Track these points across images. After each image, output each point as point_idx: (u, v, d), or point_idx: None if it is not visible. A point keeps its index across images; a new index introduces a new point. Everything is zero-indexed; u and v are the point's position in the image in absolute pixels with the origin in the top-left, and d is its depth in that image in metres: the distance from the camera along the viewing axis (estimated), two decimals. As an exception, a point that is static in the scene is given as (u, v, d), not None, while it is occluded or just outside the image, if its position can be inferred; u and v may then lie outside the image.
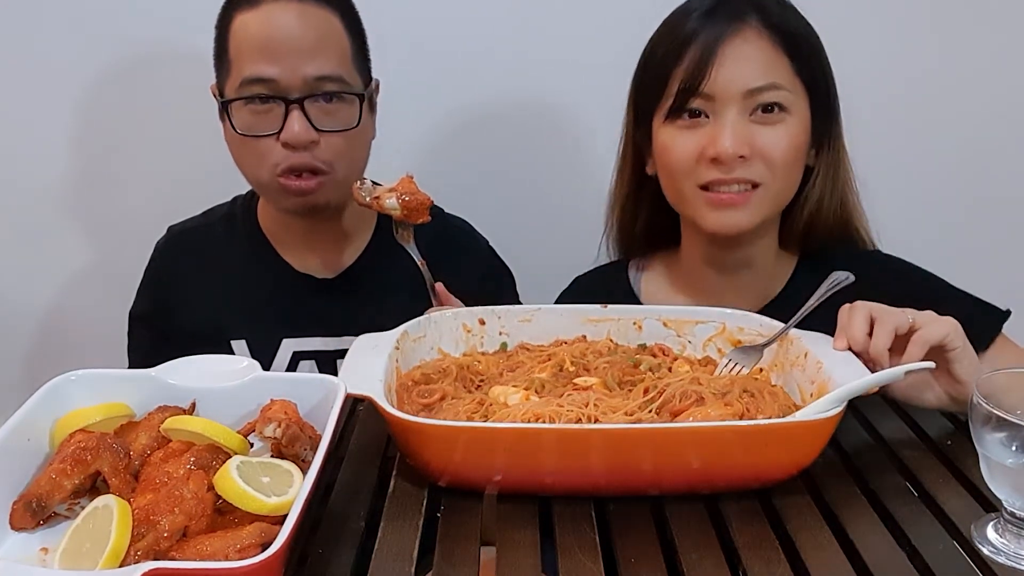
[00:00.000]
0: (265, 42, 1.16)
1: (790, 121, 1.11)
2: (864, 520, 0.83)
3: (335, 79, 1.18)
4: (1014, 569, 0.76)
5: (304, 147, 1.18)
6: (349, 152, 1.22)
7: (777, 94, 1.09)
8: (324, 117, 1.18)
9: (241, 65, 1.17)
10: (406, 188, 1.11)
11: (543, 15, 1.60)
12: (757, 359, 1.04)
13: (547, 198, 1.71)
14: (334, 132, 1.19)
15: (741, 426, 0.84)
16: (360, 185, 1.11)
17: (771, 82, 1.09)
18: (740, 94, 1.09)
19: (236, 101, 1.18)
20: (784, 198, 1.16)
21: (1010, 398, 0.79)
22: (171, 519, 0.72)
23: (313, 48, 1.17)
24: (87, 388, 0.88)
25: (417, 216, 1.11)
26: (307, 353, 1.31)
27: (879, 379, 0.86)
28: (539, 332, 1.11)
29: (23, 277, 1.70)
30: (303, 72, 1.16)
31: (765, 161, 1.10)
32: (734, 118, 1.09)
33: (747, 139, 1.09)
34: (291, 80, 1.16)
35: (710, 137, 1.10)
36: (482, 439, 0.83)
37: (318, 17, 1.18)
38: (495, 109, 1.65)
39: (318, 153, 1.19)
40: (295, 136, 1.16)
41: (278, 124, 1.17)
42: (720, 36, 1.09)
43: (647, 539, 0.81)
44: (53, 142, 1.63)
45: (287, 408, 0.84)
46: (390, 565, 0.76)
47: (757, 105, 1.09)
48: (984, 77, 1.62)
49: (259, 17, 1.17)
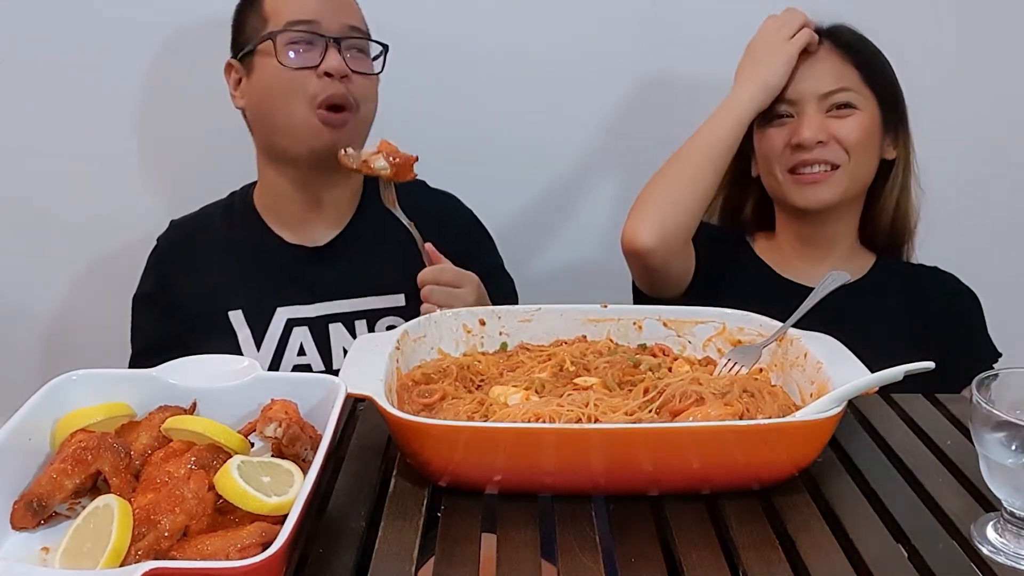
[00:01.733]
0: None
1: (860, 115, 1.31)
2: (864, 520, 0.83)
3: (364, 32, 1.35)
4: (1014, 569, 0.76)
5: (341, 79, 1.29)
6: (372, 95, 1.36)
7: (847, 95, 1.31)
8: (354, 60, 1.32)
9: (283, 13, 1.30)
10: (390, 148, 1.18)
11: (544, 15, 1.60)
12: (756, 359, 1.05)
13: (548, 198, 1.71)
14: (362, 74, 1.33)
15: (741, 426, 0.84)
16: (346, 153, 1.20)
17: (841, 86, 1.31)
18: (817, 96, 1.31)
19: (282, 34, 1.29)
20: (861, 177, 1.34)
21: (1010, 398, 0.79)
22: (172, 519, 0.72)
23: (347, 3, 1.35)
24: (88, 388, 0.88)
25: (405, 173, 1.19)
26: (300, 320, 1.36)
27: (879, 379, 0.86)
28: (539, 332, 1.11)
29: (24, 277, 1.70)
30: (341, 18, 1.31)
31: (842, 144, 1.30)
32: (812, 113, 1.31)
33: (824, 128, 1.30)
34: (331, 23, 1.30)
35: (794, 129, 1.31)
36: (482, 439, 0.83)
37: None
38: (496, 109, 1.65)
39: (350, 88, 1.30)
40: (334, 66, 1.28)
41: (317, 59, 1.29)
42: (802, 59, 1.32)
43: (647, 539, 0.81)
44: (54, 142, 1.63)
45: (288, 408, 0.84)
46: (390, 565, 0.76)
47: (832, 104, 1.31)
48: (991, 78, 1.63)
49: None
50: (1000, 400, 0.78)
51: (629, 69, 1.64)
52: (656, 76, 1.63)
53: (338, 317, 1.36)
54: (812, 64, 1.33)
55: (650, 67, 1.63)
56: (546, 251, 1.72)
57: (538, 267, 1.65)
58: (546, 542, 0.79)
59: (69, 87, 1.60)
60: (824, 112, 1.32)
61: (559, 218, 1.72)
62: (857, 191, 1.36)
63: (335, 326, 1.36)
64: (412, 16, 1.58)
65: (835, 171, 1.31)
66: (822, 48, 1.34)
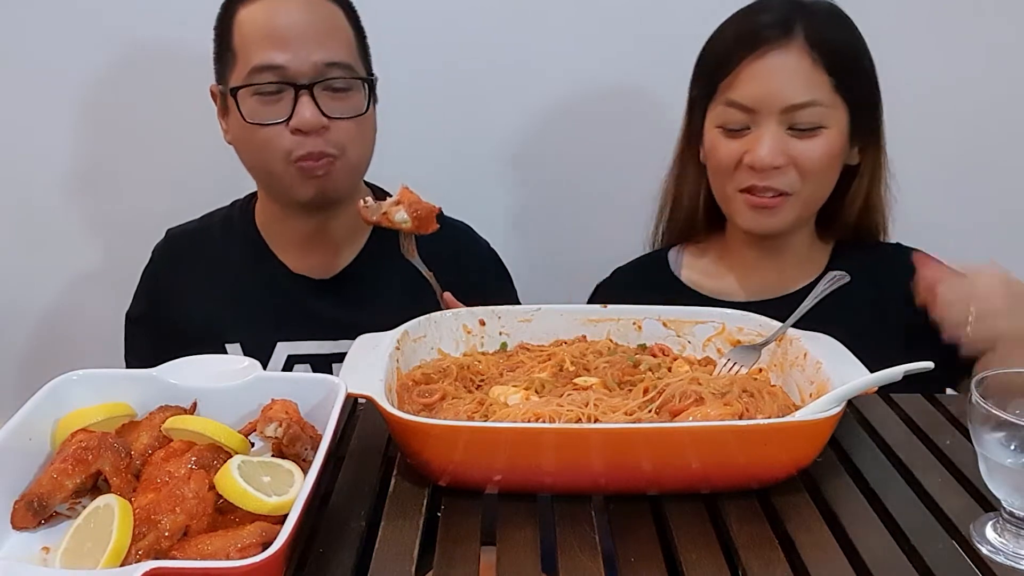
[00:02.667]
0: (273, 30, 1.16)
1: (826, 134, 1.17)
2: (864, 520, 0.83)
3: (343, 66, 1.19)
4: (1013, 568, 0.76)
5: (315, 132, 1.18)
6: (359, 137, 1.23)
7: (814, 111, 1.16)
8: (333, 103, 1.19)
9: (249, 55, 1.17)
10: (410, 199, 1.09)
11: (545, 15, 1.60)
12: (756, 359, 1.04)
13: (550, 198, 1.71)
14: (343, 119, 1.20)
15: (740, 426, 0.84)
16: (365, 204, 1.09)
17: (810, 99, 1.15)
18: (779, 109, 1.15)
19: (245, 88, 1.18)
20: (815, 201, 1.24)
21: (1010, 398, 0.79)
22: (172, 518, 0.72)
23: (321, 35, 1.18)
24: (88, 388, 0.88)
25: (428, 226, 1.10)
26: (302, 357, 1.31)
27: (878, 379, 0.86)
28: (539, 332, 1.11)
29: (25, 277, 1.70)
30: (312, 58, 1.16)
31: (799, 170, 1.17)
32: (772, 130, 1.16)
33: (783, 150, 1.16)
34: (300, 66, 1.16)
35: (749, 145, 1.17)
36: (482, 439, 0.83)
37: (323, 7, 1.20)
38: (496, 109, 1.65)
39: (328, 138, 1.19)
40: (306, 121, 1.16)
41: (287, 111, 1.17)
42: (766, 50, 1.15)
43: (647, 539, 0.81)
44: (55, 143, 1.63)
45: (288, 408, 0.85)
46: (390, 565, 0.76)
47: (795, 121, 1.16)
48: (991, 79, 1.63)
49: (264, 8, 1.18)
50: (1000, 400, 0.78)
51: (630, 69, 1.64)
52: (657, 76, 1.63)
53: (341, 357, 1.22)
54: (778, 64, 1.15)
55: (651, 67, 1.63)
56: (546, 251, 1.72)
57: (538, 267, 1.64)
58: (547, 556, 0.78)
59: (70, 86, 1.60)
60: (785, 128, 1.16)
61: (559, 218, 1.72)
62: (811, 212, 1.25)
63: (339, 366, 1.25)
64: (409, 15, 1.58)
65: (787, 198, 1.19)
66: (793, 43, 1.15)
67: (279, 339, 1.30)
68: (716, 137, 1.22)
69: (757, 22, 1.18)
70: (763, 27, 1.17)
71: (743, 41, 1.18)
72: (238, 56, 1.19)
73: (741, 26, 1.21)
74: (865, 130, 1.23)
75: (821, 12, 1.19)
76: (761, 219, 1.21)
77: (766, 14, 1.19)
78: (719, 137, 1.21)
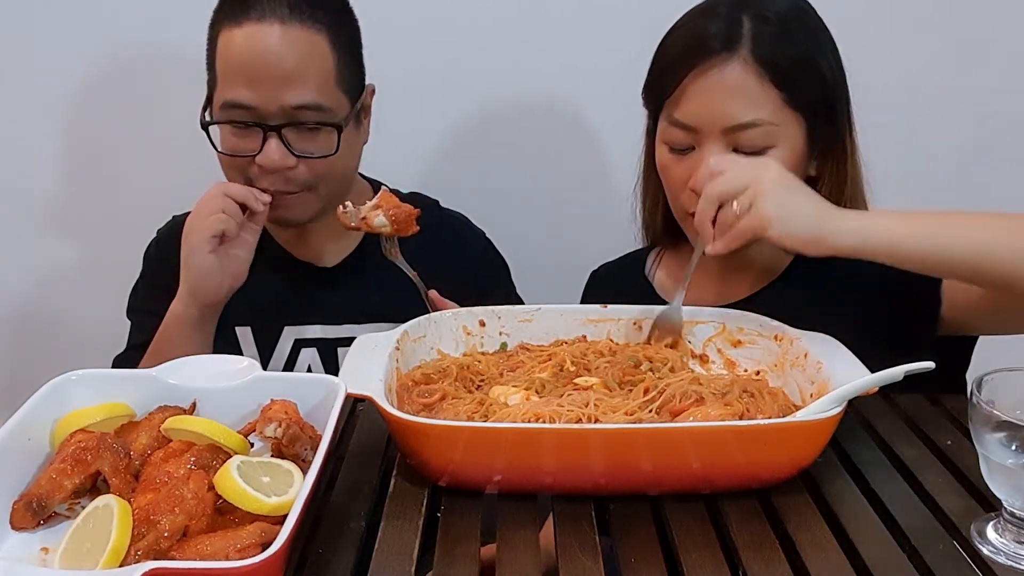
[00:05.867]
0: (245, 66, 1.16)
1: (775, 153, 1.08)
2: (864, 520, 0.83)
3: (313, 108, 1.18)
4: (1014, 569, 0.76)
5: (280, 171, 1.19)
6: (329, 172, 1.23)
7: (760, 131, 1.07)
8: (302, 142, 1.19)
9: (224, 85, 1.18)
10: (389, 202, 1.10)
11: (546, 15, 1.60)
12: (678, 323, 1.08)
13: (552, 199, 1.71)
14: (313, 157, 1.20)
15: (741, 426, 0.84)
16: (344, 210, 1.10)
17: (753, 119, 1.06)
18: (721, 130, 1.07)
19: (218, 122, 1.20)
20: None
21: (1010, 398, 0.79)
22: (171, 519, 0.72)
23: (292, 75, 1.16)
24: (88, 388, 0.88)
25: (407, 228, 1.11)
26: (308, 341, 1.33)
27: (879, 379, 0.86)
28: (539, 332, 1.11)
29: (23, 277, 1.70)
30: (281, 100, 1.16)
31: None
32: (716, 152, 1.07)
33: None
34: (269, 107, 1.16)
35: (693, 168, 1.08)
36: (482, 439, 0.83)
37: (300, 39, 1.17)
38: (498, 109, 1.65)
39: (295, 175, 1.20)
40: (271, 162, 1.18)
41: (257, 146, 1.18)
42: (707, 66, 1.07)
43: (647, 539, 0.81)
44: (51, 142, 1.63)
45: (287, 408, 0.84)
46: (390, 565, 0.76)
47: (739, 140, 1.07)
48: (992, 80, 1.62)
49: (241, 37, 1.16)
50: (1000, 400, 0.78)
51: (635, 69, 1.63)
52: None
53: (347, 341, 1.25)
54: (720, 80, 1.06)
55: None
56: (546, 251, 1.71)
57: (541, 267, 1.64)
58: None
59: (62, 86, 1.60)
60: (731, 148, 1.08)
61: (559, 218, 1.72)
62: None
63: (345, 351, 1.27)
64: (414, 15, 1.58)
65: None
66: (736, 57, 1.06)
67: (285, 324, 1.33)
68: (664, 155, 1.15)
69: (704, 29, 1.10)
70: (708, 37, 1.08)
71: (688, 52, 1.09)
72: (218, 81, 1.20)
73: (688, 33, 1.12)
74: (824, 139, 1.13)
75: (773, 14, 1.09)
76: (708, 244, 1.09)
77: (714, 20, 1.09)
78: (666, 155, 1.14)
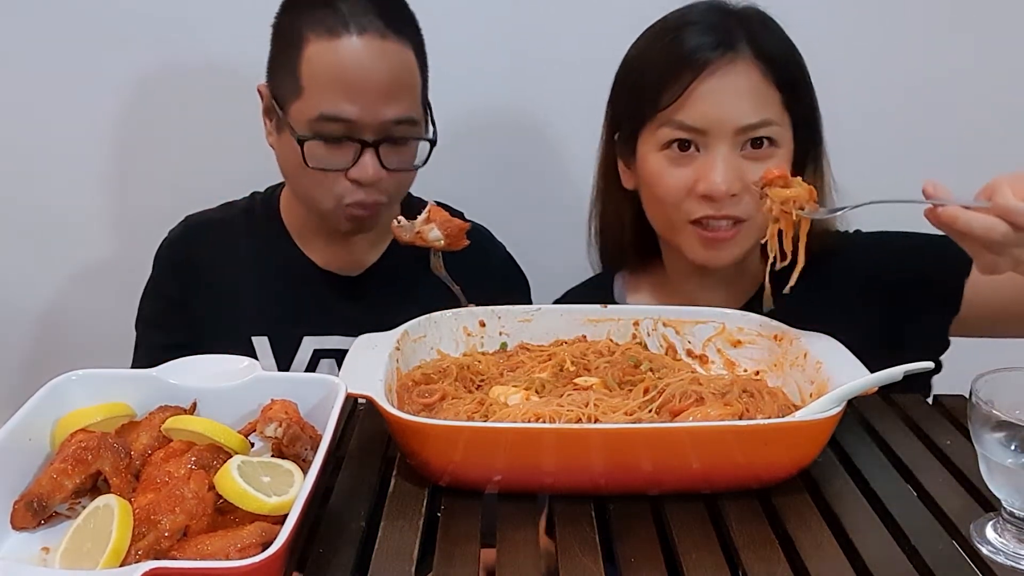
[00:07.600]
0: (346, 81, 1.14)
1: (778, 154, 1.09)
2: (864, 520, 0.83)
3: (407, 122, 1.19)
4: (1013, 568, 0.76)
5: (374, 184, 1.19)
6: (406, 185, 1.27)
7: (769, 130, 1.07)
8: (392, 156, 1.20)
9: (317, 97, 1.16)
10: (441, 216, 1.09)
11: (547, 15, 1.60)
12: None
13: (553, 199, 1.71)
14: (399, 170, 1.21)
15: (741, 426, 0.84)
16: (399, 224, 1.08)
17: (764, 119, 1.07)
18: (733, 130, 1.06)
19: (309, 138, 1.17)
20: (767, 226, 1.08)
21: (1009, 398, 0.79)
22: (172, 519, 0.72)
23: (391, 89, 1.16)
24: (88, 388, 0.88)
25: (458, 242, 1.10)
26: (328, 351, 1.31)
27: (878, 379, 0.86)
28: (539, 332, 1.11)
29: (24, 277, 1.70)
30: (381, 115, 1.16)
31: (753, 196, 1.06)
32: (726, 154, 1.07)
33: (738, 176, 1.07)
34: (371, 120, 1.16)
35: (701, 172, 1.07)
36: (482, 439, 0.83)
37: (397, 54, 1.17)
38: (498, 109, 1.65)
39: (382, 187, 1.20)
40: (368, 177, 1.18)
41: (349, 160, 1.18)
42: (713, 68, 1.06)
43: (647, 539, 0.81)
44: (55, 141, 1.63)
45: (288, 408, 0.85)
46: (390, 565, 0.76)
47: (748, 140, 1.07)
48: (974, 82, 1.62)
49: (340, 51, 1.14)
50: (1000, 400, 0.78)
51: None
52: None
53: None
54: (730, 79, 1.06)
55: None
56: (552, 252, 1.71)
57: (544, 268, 1.64)
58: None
59: (70, 85, 1.60)
60: (738, 150, 1.07)
61: (559, 217, 1.71)
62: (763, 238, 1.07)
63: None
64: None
65: (741, 225, 1.10)
66: (740, 57, 1.06)
67: (305, 334, 1.31)
68: (659, 163, 1.11)
69: (695, 38, 1.08)
70: (704, 44, 1.07)
71: (687, 56, 1.07)
72: (305, 91, 1.16)
73: (676, 43, 1.09)
74: (808, 147, 1.14)
75: (755, 20, 1.10)
76: (713, 253, 1.12)
77: (700, 24, 1.09)
78: (663, 163, 1.10)
